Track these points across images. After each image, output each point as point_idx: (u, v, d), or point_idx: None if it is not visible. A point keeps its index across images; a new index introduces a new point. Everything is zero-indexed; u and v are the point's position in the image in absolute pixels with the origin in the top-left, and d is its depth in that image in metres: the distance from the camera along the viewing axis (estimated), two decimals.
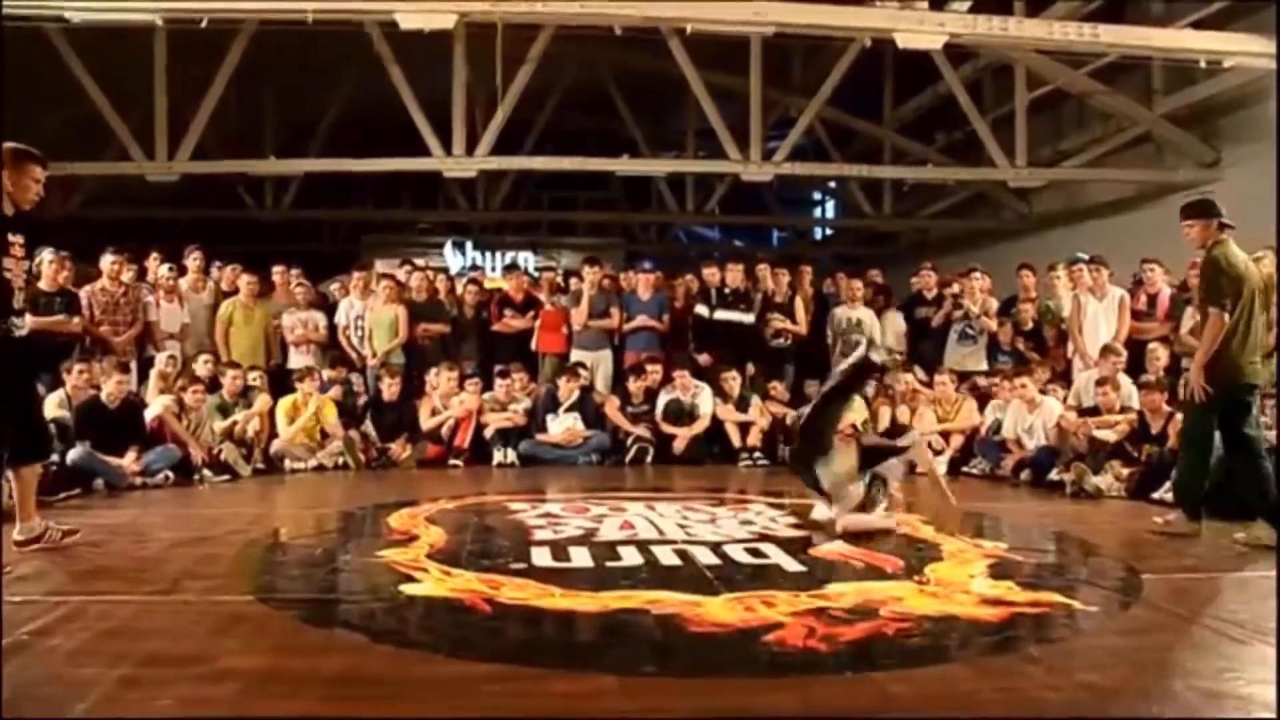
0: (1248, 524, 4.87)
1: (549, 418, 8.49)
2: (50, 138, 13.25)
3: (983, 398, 8.24)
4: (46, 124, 12.82)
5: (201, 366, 8.05)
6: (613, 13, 8.73)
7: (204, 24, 8.78)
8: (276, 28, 9.46)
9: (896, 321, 9.42)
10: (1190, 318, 7.93)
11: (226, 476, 7.33)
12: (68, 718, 2.45)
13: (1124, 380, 7.36)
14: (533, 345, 9.24)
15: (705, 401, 8.54)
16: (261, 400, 7.98)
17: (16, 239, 4.30)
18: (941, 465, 7.92)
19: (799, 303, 9.24)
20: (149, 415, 7.23)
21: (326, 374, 8.54)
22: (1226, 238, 5.01)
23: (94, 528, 4.88)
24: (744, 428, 8.51)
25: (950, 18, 8.89)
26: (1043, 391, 7.66)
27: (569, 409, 8.48)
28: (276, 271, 9.41)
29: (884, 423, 8.22)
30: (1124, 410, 7.11)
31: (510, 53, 9.94)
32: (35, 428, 4.55)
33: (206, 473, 7.23)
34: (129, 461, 6.74)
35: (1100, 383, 7.26)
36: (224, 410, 7.78)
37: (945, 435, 8.09)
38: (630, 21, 8.96)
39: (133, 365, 7.73)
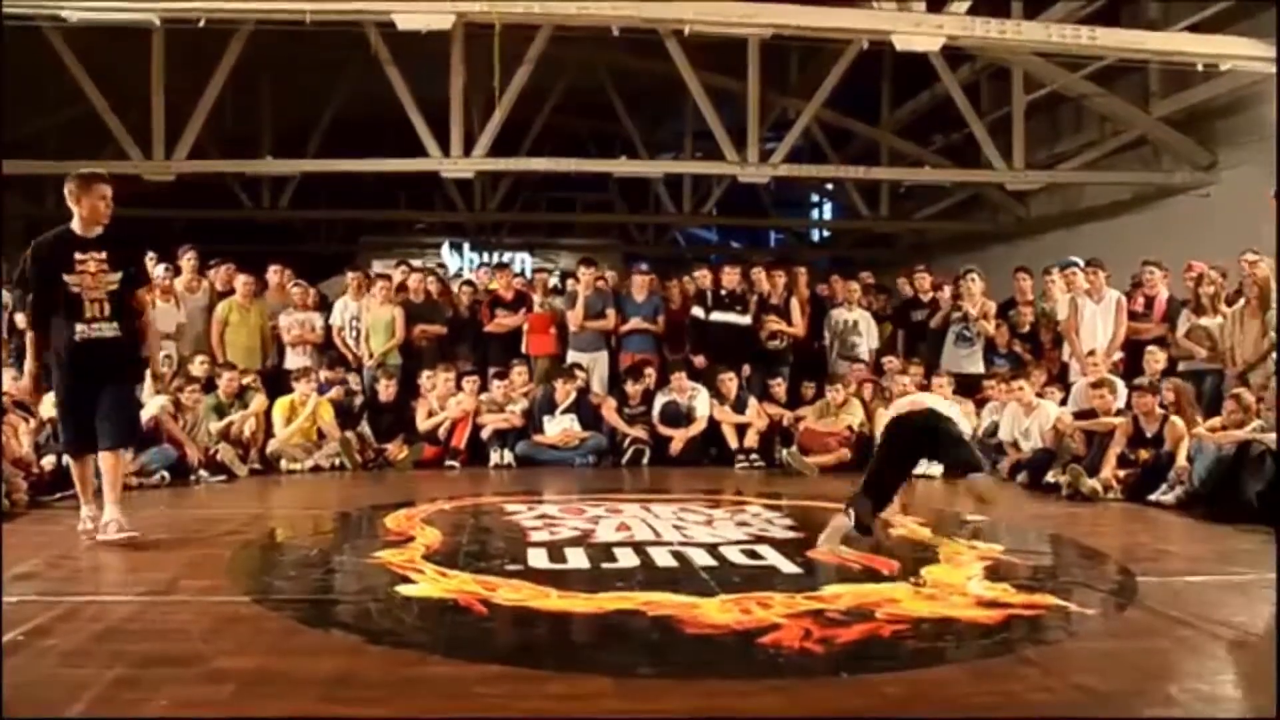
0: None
1: (546, 419, 8.47)
2: (48, 137, 13.32)
3: (980, 400, 8.24)
4: (44, 123, 12.87)
5: (197, 366, 8.01)
6: (611, 13, 8.71)
7: (202, 24, 8.76)
8: (274, 28, 9.45)
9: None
10: (1186, 321, 7.94)
11: (223, 477, 7.29)
12: (64, 718, 2.45)
13: (1118, 383, 7.36)
14: (523, 348, 9.22)
15: (702, 403, 8.52)
16: (258, 401, 7.96)
17: (90, 255, 4.61)
18: (938, 468, 7.90)
19: (795, 304, 9.24)
20: (145, 415, 7.20)
21: (324, 374, 8.52)
22: None
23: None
24: (741, 429, 8.49)
25: (948, 20, 8.88)
26: (1039, 394, 7.66)
27: (566, 410, 8.46)
28: (273, 271, 9.38)
29: (881, 425, 8.19)
30: (1119, 413, 7.11)
31: (508, 53, 9.94)
32: (128, 418, 4.93)
33: (203, 473, 7.20)
34: (125, 462, 6.71)
35: (1096, 385, 7.26)
36: (220, 411, 7.76)
37: None
38: (628, 22, 8.94)
39: None
